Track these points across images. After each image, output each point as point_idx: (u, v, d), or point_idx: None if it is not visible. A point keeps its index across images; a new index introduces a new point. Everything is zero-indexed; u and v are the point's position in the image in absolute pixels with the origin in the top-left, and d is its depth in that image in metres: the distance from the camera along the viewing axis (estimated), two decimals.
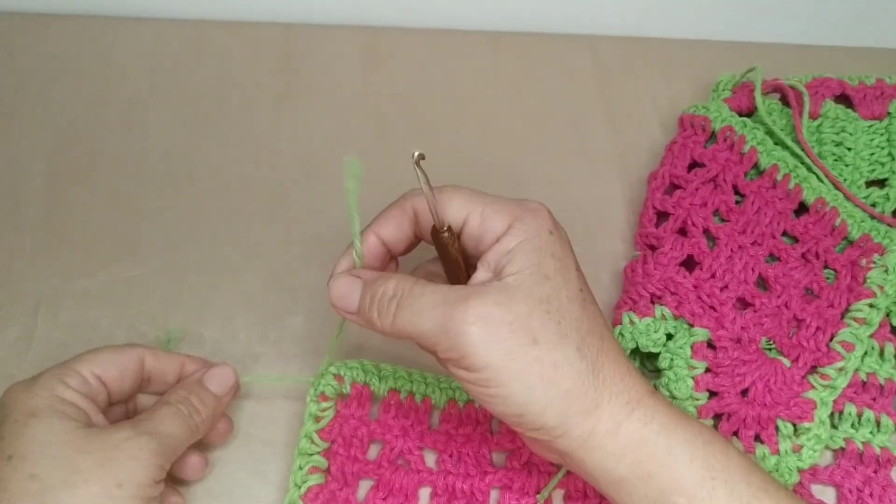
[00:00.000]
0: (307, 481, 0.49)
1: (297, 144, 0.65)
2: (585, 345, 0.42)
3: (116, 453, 0.42)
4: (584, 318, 0.42)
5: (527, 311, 0.41)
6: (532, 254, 0.42)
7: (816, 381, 0.53)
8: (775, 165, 0.60)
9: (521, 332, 0.40)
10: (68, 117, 0.65)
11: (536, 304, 0.41)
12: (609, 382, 0.42)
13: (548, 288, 0.41)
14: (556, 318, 0.41)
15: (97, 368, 0.46)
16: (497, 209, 0.44)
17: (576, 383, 0.41)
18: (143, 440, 0.43)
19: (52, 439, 0.42)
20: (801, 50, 0.72)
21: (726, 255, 0.57)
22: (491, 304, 0.40)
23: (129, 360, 0.48)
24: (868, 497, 0.52)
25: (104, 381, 0.46)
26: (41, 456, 0.41)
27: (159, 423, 0.45)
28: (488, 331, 0.40)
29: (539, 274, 0.42)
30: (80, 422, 0.43)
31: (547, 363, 0.41)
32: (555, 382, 0.41)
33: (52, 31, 0.69)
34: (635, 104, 0.69)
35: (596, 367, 0.42)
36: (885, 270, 0.56)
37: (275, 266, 0.59)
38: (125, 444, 0.43)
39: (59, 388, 0.44)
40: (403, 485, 0.50)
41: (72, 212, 0.60)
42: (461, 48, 0.71)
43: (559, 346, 0.41)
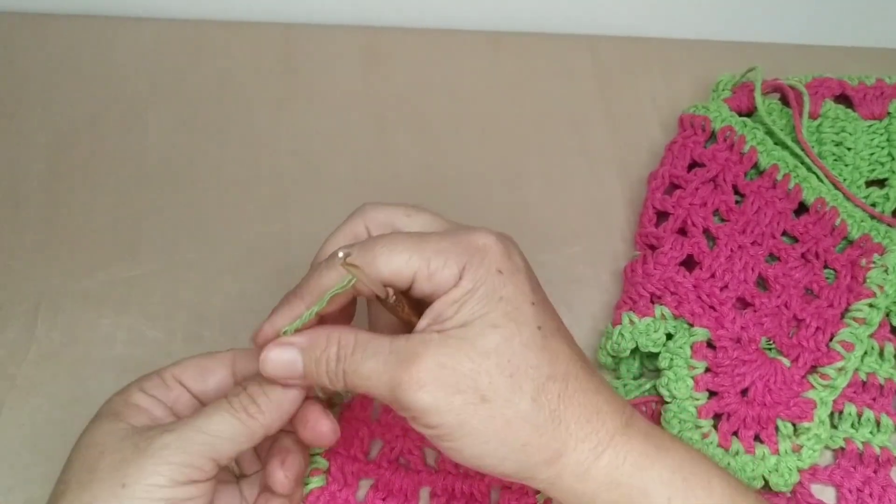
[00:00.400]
0: (308, 484, 0.49)
1: (297, 144, 0.65)
2: (543, 393, 0.40)
3: (134, 452, 0.40)
4: (542, 363, 0.40)
5: (473, 369, 0.39)
6: (479, 302, 0.40)
7: (816, 380, 0.53)
8: (775, 165, 0.60)
9: (469, 391, 0.39)
10: (68, 117, 0.65)
11: (484, 360, 0.39)
12: (573, 428, 0.40)
13: (496, 338, 0.39)
14: (507, 371, 0.39)
15: (177, 370, 0.45)
16: (444, 261, 0.41)
17: (532, 436, 0.40)
18: (164, 437, 0.40)
19: (88, 443, 0.41)
20: (801, 50, 0.72)
21: (726, 254, 0.57)
22: (435, 365, 0.39)
23: (217, 364, 0.46)
24: (868, 497, 0.52)
25: (185, 384, 0.45)
26: (75, 460, 0.41)
27: (198, 418, 0.41)
28: (435, 395, 0.39)
29: (486, 324, 0.40)
30: (133, 424, 0.42)
31: (499, 420, 0.39)
32: (509, 439, 0.39)
33: (52, 30, 0.69)
34: (635, 104, 0.69)
35: (556, 415, 0.40)
36: (885, 270, 0.56)
37: (275, 266, 0.59)
38: (145, 443, 0.40)
39: (132, 390, 0.43)
40: (403, 485, 0.50)
41: (72, 212, 0.60)
42: (461, 48, 0.71)
43: (511, 402, 0.39)
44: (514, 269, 0.41)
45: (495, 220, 0.62)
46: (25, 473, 0.51)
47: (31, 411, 0.53)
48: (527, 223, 0.63)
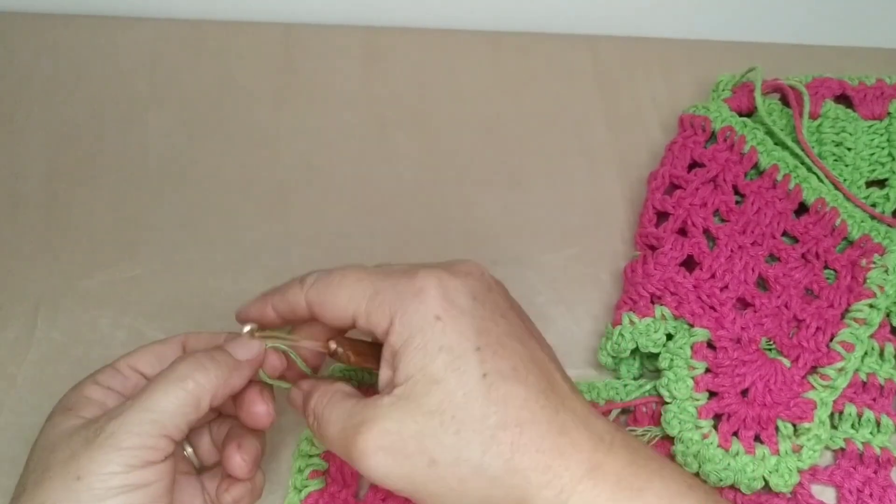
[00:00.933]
0: (307, 486, 0.49)
1: (297, 144, 0.65)
2: (493, 445, 0.38)
3: (83, 444, 0.39)
4: (488, 413, 0.38)
5: (418, 431, 0.38)
6: (416, 355, 0.39)
7: (816, 381, 0.53)
8: (775, 165, 0.60)
9: (417, 455, 0.38)
10: (68, 117, 0.65)
11: (427, 420, 0.38)
12: (532, 477, 0.39)
13: (438, 394, 0.38)
14: (451, 428, 0.38)
15: (132, 360, 0.45)
16: (378, 304, 0.40)
17: (490, 489, 0.39)
18: (112, 425, 0.39)
19: (43, 442, 0.41)
20: (801, 50, 0.72)
21: (726, 255, 0.57)
22: (381, 432, 0.38)
23: (169, 348, 0.45)
24: (868, 497, 0.52)
25: (139, 370, 0.45)
26: (30, 460, 0.40)
27: (142, 399, 0.40)
28: (384, 462, 0.38)
29: (426, 380, 0.39)
30: (86, 416, 0.41)
31: (452, 480, 0.38)
32: (467, 494, 0.39)
33: (52, 30, 0.69)
34: (635, 104, 0.69)
35: (510, 466, 0.39)
36: (886, 271, 0.56)
37: (275, 266, 0.59)
38: (93, 433, 0.39)
39: (86, 384, 0.43)
40: None
41: (71, 212, 0.60)
42: (461, 48, 0.71)
43: (460, 461, 0.38)
44: (455, 313, 0.40)
45: (495, 220, 0.62)
46: None
47: (31, 411, 0.53)
48: (527, 223, 0.63)
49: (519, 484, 0.38)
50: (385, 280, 0.41)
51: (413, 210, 0.63)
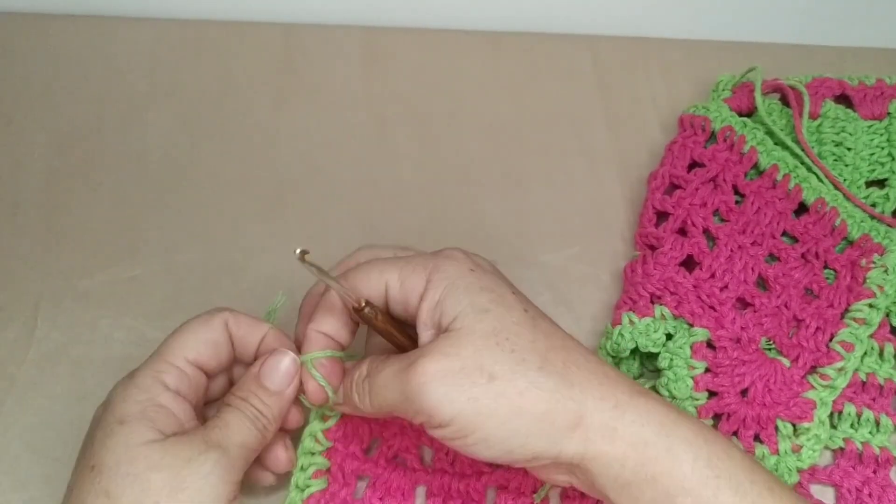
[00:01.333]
0: (310, 486, 0.49)
1: (296, 144, 0.65)
2: (548, 362, 0.41)
3: (188, 473, 0.41)
4: (537, 337, 0.42)
5: (474, 351, 0.40)
6: (461, 295, 0.42)
7: (816, 381, 0.53)
8: (775, 165, 0.60)
9: (476, 373, 0.40)
10: (68, 117, 0.65)
11: (483, 341, 0.40)
12: (588, 391, 0.41)
13: (490, 320, 0.41)
14: (507, 347, 0.41)
15: (191, 353, 0.45)
16: (412, 269, 0.43)
17: (549, 402, 0.40)
18: (214, 456, 0.42)
19: (128, 453, 0.41)
20: (800, 50, 0.72)
21: (726, 255, 0.57)
22: (439, 356, 0.40)
23: (218, 332, 0.46)
24: (867, 497, 0.52)
25: (200, 364, 0.45)
26: (115, 471, 0.40)
27: (231, 434, 0.43)
28: (443, 383, 0.40)
29: (476, 310, 0.41)
30: (164, 431, 0.42)
31: (512, 394, 0.40)
32: (526, 410, 0.40)
33: (52, 31, 0.69)
34: (635, 104, 0.69)
35: (566, 379, 0.41)
36: (885, 270, 0.56)
37: (275, 266, 0.59)
38: (197, 462, 0.41)
39: (156, 389, 0.43)
40: (400, 484, 0.50)
41: (71, 212, 0.60)
42: (461, 48, 0.71)
43: (519, 374, 0.40)
44: (484, 269, 0.44)
45: (495, 220, 0.62)
46: (25, 473, 0.51)
47: (31, 411, 0.53)
48: (527, 223, 0.63)
49: (575, 397, 0.40)
50: (413, 257, 0.44)
51: (413, 210, 0.63)
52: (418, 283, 0.43)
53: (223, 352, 0.46)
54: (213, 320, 0.46)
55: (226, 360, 0.47)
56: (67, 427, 0.51)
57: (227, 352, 0.47)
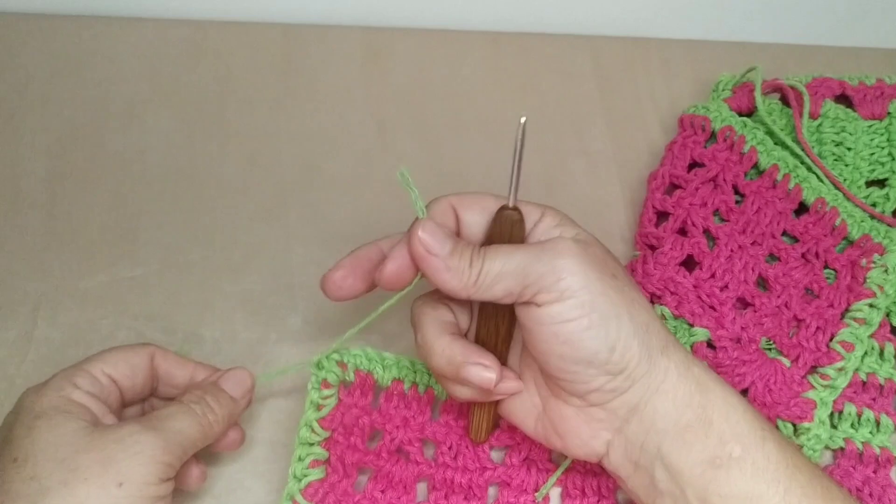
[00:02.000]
0: (308, 476, 0.49)
1: (297, 144, 0.65)
2: (642, 297, 0.45)
3: (118, 451, 0.41)
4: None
5: (602, 254, 0.44)
6: (576, 226, 0.45)
7: (816, 381, 0.53)
8: (775, 165, 0.60)
9: (603, 265, 0.43)
10: (68, 117, 0.65)
11: (603, 254, 0.44)
12: (669, 331, 0.45)
13: (602, 246, 0.45)
14: (620, 265, 0.45)
15: (108, 367, 0.46)
16: (525, 203, 0.46)
17: (651, 319, 0.44)
18: (148, 436, 0.42)
19: (53, 440, 0.41)
20: (801, 50, 0.72)
21: (726, 255, 0.57)
22: (573, 243, 0.43)
23: (140, 358, 0.47)
24: (867, 497, 0.52)
25: (115, 379, 0.46)
26: (42, 457, 0.41)
27: (168, 420, 0.44)
28: (578, 260, 0.42)
29: (591, 236, 0.45)
30: (86, 421, 0.43)
31: (627, 295, 0.43)
32: (635, 314, 0.43)
33: (52, 31, 0.69)
34: (635, 104, 0.69)
35: (655, 318, 0.44)
36: (885, 270, 0.56)
37: (275, 266, 0.59)
38: (128, 441, 0.42)
39: (68, 388, 0.44)
40: (402, 477, 0.50)
41: (71, 212, 0.60)
42: (461, 48, 0.71)
43: (631, 285, 0.44)
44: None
45: None
46: None
47: None
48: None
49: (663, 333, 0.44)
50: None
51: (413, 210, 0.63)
52: (534, 213, 0.45)
53: (140, 376, 0.48)
54: (139, 348, 0.48)
55: (140, 385, 0.48)
56: None
57: (144, 379, 0.48)
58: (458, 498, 0.50)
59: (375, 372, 0.51)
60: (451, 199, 0.47)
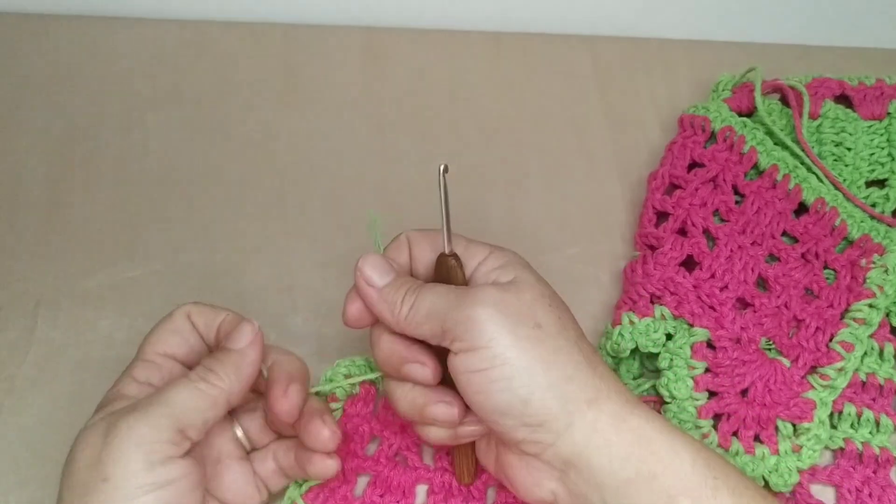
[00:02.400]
0: (308, 480, 0.49)
1: (297, 144, 0.65)
2: (582, 342, 0.44)
3: (103, 443, 0.40)
4: (575, 324, 0.45)
5: (530, 300, 0.43)
6: (518, 269, 0.45)
7: (816, 381, 0.53)
8: (775, 166, 0.60)
9: (526, 315, 0.42)
10: (68, 117, 0.65)
11: (539, 296, 0.43)
12: (606, 379, 0.43)
13: (544, 287, 0.44)
14: (556, 312, 0.43)
15: (158, 346, 0.46)
16: (475, 243, 0.46)
17: (576, 370, 0.42)
18: (129, 419, 0.40)
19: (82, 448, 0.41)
20: (800, 50, 0.72)
21: (726, 255, 0.57)
22: (498, 291, 0.43)
23: (180, 322, 0.47)
24: (867, 497, 0.52)
25: (171, 354, 0.46)
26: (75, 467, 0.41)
27: (157, 395, 0.41)
28: (495, 309, 0.42)
29: (531, 280, 0.44)
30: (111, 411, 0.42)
31: (549, 346, 0.42)
32: (557, 366, 0.42)
33: (53, 31, 0.69)
34: (635, 104, 0.69)
35: (592, 363, 0.43)
36: (885, 270, 0.56)
37: (275, 266, 0.59)
38: (112, 429, 0.40)
39: (123, 381, 0.45)
40: (401, 481, 0.50)
41: (72, 212, 0.60)
42: (461, 48, 0.71)
43: (560, 335, 0.43)
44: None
45: (495, 221, 0.62)
46: (25, 474, 0.51)
47: (30, 412, 0.53)
48: (526, 224, 0.63)
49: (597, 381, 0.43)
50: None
51: (413, 211, 0.62)
52: (481, 252, 0.46)
53: (189, 339, 0.47)
54: (174, 314, 0.47)
55: (196, 345, 0.47)
56: (67, 427, 0.51)
57: (195, 339, 0.47)
58: (456, 500, 0.51)
59: (378, 381, 0.52)
60: (408, 234, 0.48)
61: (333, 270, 0.59)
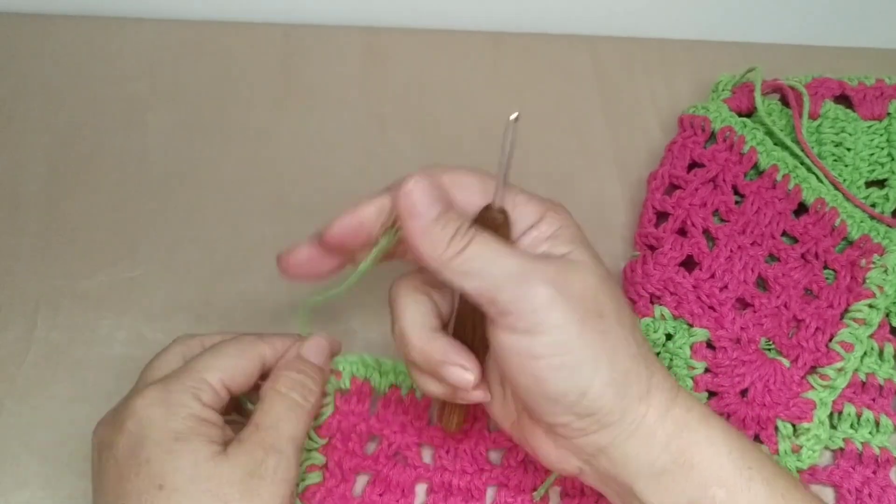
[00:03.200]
0: (305, 480, 0.49)
1: (297, 144, 0.65)
2: (636, 331, 0.41)
3: (255, 480, 0.41)
4: (629, 310, 0.42)
5: (595, 285, 0.40)
6: (572, 242, 0.41)
7: (816, 381, 0.53)
8: (775, 166, 0.60)
9: (591, 302, 0.39)
10: (68, 118, 0.64)
11: (602, 280, 0.40)
12: (655, 369, 0.41)
13: (602, 267, 0.41)
14: (616, 298, 0.41)
15: (226, 377, 0.45)
16: (527, 199, 0.42)
17: (633, 365, 0.40)
18: (274, 460, 0.42)
19: (199, 470, 0.41)
20: (800, 51, 0.72)
21: (726, 255, 0.57)
22: (561, 269, 0.39)
23: (253, 363, 0.46)
24: (867, 497, 0.52)
25: (232, 389, 0.45)
26: (193, 489, 0.40)
27: (284, 430, 0.43)
28: (561, 293, 0.38)
29: (591, 253, 0.41)
30: (219, 443, 0.42)
31: (611, 338, 0.40)
32: (616, 359, 0.40)
33: (52, 31, 0.69)
34: (635, 105, 0.69)
35: (644, 354, 0.41)
36: (885, 271, 0.56)
37: (275, 266, 0.59)
38: (262, 469, 0.41)
39: (196, 406, 0.43)
40: (400, 480, 0.50)
41: (71, 212, 0.60)
42: (461, 48, 0.71)
43: (620, 325, 0.40)
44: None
45: None
46: (25, 474, 0.51)
47: (30, 412, 0.53)
48: None
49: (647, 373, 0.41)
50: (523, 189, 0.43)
51: None
52: (532, 214, 0.42)
53: (251, 383, 0.46)
54: (249, 350, 0.46)
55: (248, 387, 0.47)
56: (67, 427, 0.51)
57: (253, 380, 0.47)
58: (456, 499, 0.51)
59: (373, 379, 0.51)
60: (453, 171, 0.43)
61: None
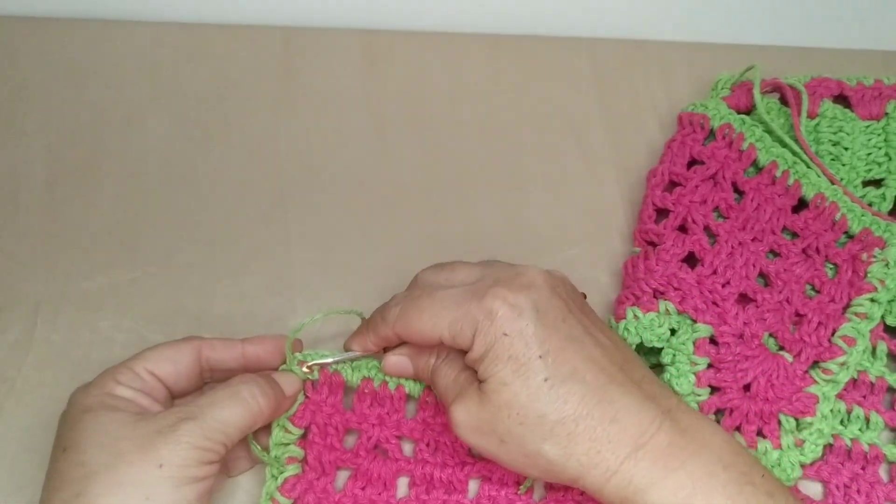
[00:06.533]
0: (284, 472, 0.49)
1: (296, 147, 0.65)
2: (553, 435, 0.44)
3: (158, 437, 0.43)
4: (550, 409, 0.44)
5: (491, 418, 0.45)
6: (490, 364, 0.45)
7: (818, 375, 0.53)
8: (774, 162, 0.60)
9: (490, 434, 0.46)
10: (68, 120, 0.65)
11: (497, 412, 0.45)
12: (583, 461, 0.44)
13: (507, 394, 0.45)
14: (517, 420, 0.45)
15: (150, 364, 0.47)
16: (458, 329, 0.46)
17: (550, 466, 0.45)
18: (187, 426, 0.44)
19: (98, 429, 0.44)
20: (799, 52, 0.72)
21: (727, 251, 0.57)
22: (466, 410, 0.46)
23: (183, 355, 0.49)
24: (855, 493, 0.53)
25: (158, 376, 0.48)
26: (89, 444, 0.43)
27: (212, 407, 0.45)
28: (467, 431, 0.46)
29: (498, 382, 0.45)
30: (131, 413, 0.45)
31: (518, 455, 0.45)
32: (531, 467, 0.46)
33: (52, 34, 0.69)
34: (634, 106, 0.69)
35: (566, 453, 0.44)
36: (886, 265, 0.56)
37: (275, 266, 0.59)
38: (167, 431, 0.44)
39: (110, 384, 0.46)
40: (381, 474, 0.51)
41: (71, 214, 0.60)
42: (460, 51, 0.71)
43: (525, 443, 0.45)
44: (521, 326, 0.45)
45: (494, 223, 0.63)
46: (25, 476, 0.51)
47: (30, 413, 0.53)
48: (526, 226, 0.63)
49: (572, 466, 0.45)
50: (459, 307, 0.46)
51: (412, 212, 0.63)
52: (465, 341, 0.46)
53: (184, 372, 0.49)
54: (183, 345, 0.49)
55: (186, 381, 0.49)
56: None
57: (190, 374, 0.49)
58: (438, 492, 0.51)
59: (344, 372, 0.52)
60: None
61: (333, 271, 0.59)
